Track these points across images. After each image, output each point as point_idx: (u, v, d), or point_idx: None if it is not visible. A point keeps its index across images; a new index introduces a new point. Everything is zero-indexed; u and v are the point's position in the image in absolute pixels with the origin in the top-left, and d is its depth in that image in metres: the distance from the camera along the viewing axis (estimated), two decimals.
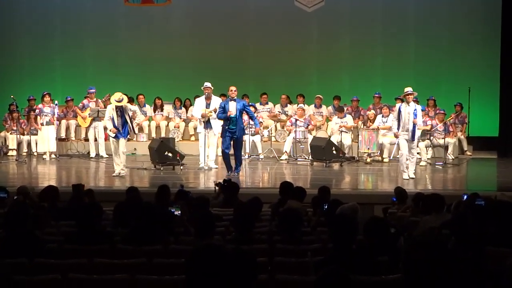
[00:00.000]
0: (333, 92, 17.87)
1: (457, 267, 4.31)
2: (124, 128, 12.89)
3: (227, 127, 13.05)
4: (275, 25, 19.29)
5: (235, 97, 13.10)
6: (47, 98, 16.18)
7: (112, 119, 12.84)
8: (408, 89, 12.72)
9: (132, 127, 13.19)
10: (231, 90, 13.11)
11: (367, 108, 17.15)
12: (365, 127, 16.09)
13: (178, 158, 13.84)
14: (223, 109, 13.04)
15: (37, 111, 16.29)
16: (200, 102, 14.05)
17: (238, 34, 19.40)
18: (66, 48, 19.47)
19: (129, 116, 12.98)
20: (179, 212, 6.95)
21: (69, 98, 17.21)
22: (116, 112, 12.82)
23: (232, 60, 19.23)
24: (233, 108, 12.96)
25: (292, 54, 19.26)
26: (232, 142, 13.15)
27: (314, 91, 18.24)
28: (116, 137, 12.90)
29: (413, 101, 12.94)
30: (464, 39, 18.71)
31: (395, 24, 19.20)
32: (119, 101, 12.75)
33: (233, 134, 13.04)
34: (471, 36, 18.68)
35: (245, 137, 14.87)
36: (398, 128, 12.76)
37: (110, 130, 12.91)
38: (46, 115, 16.11)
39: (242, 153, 13.89)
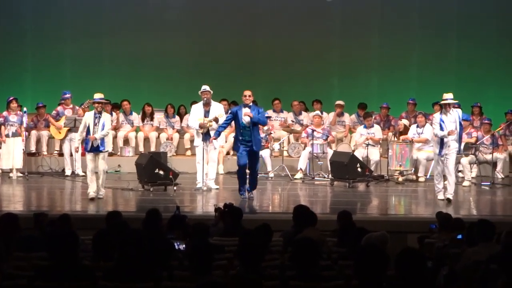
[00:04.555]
0: (357, 97, 17.91)
1: None
2: (102, 140, 12.88)
3: (241, 138, 12.91)
4: (290, 17, 19.41)
5: (250, 104, 12.99)
6: (13, 105, 16.14)
7: (88, 129, 12.84)
8: (448, 97, 12.74)
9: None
10: (245, 96, 13.00)
11: (398, 117, 17.16)
12: (396, 139, 16.09)
13: (171, 176, 13.85)
14: (233, 116, 12.95)
15: (0, 119, 16.25)
16: (197, 109, 14.09)
17: (246, 27, 19.51)
18: (39, 44, 19.59)
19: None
20: (184, 246, 6.97)
21: (40, 105, 17.25)
22: (94, 119, 12.85)
23: (238, 59, 19.34)
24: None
25: (310, 52, 19.34)
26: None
27: (335, 96, 18.30)
28: (94, 150, 12.88)
29: (454, 107, 12.97)
30: None
31: (434, 17, 19.27)
32: (102, 98, 12.94)
33: (248, 147, 12.82)
34: None
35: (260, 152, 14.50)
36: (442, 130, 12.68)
37: (74, 148, 12.88)
38: (12, 125, 16.10)
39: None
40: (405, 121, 16.33)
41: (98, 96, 13.00)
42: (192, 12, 19.68)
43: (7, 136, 16.06)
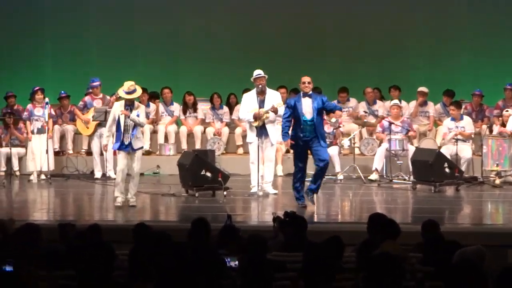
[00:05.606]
0: (444, 83, 17.77)
1: None
2: (133, 135, 12.77)
3: (301, 135, 12.74)
4: None
5: (310, 92, 12.93)
6: (39, 96, 16.29)
7: (118, 122, 12.80)
8: None
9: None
10: (304, 83, 12.92)
11: (494, 106, 16.98)
12: (492, 133, 15.90)
13: (220, 179, 13.90)
14: (293, 110, 12.79)
15: (25, 114, 16.42)
16: (249, 98, 14.10)
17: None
18: (60, 25, 19.81)
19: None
20: (237, 263, 6.99)
21: (63, 94, 17.42)
22: (125, 110, 12.81)
23: (298, 37, 19.29)
24: (307, 107, 12.81)
25: (387, 28, 19.23)
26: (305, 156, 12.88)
27: (417, 82, 18.12)
28: (126, 148, 12.78)
29: None
30: None
31: None
32: (130, 93, 12.82)
33: (306, 143, 12.72)
34: None
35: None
36: None
37: (103, 147, 12.88)
38: (37, 120, 16.27)
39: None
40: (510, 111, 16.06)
41: (127, 85, 12.82)
42: None
43: (32, 133, 16.22)
